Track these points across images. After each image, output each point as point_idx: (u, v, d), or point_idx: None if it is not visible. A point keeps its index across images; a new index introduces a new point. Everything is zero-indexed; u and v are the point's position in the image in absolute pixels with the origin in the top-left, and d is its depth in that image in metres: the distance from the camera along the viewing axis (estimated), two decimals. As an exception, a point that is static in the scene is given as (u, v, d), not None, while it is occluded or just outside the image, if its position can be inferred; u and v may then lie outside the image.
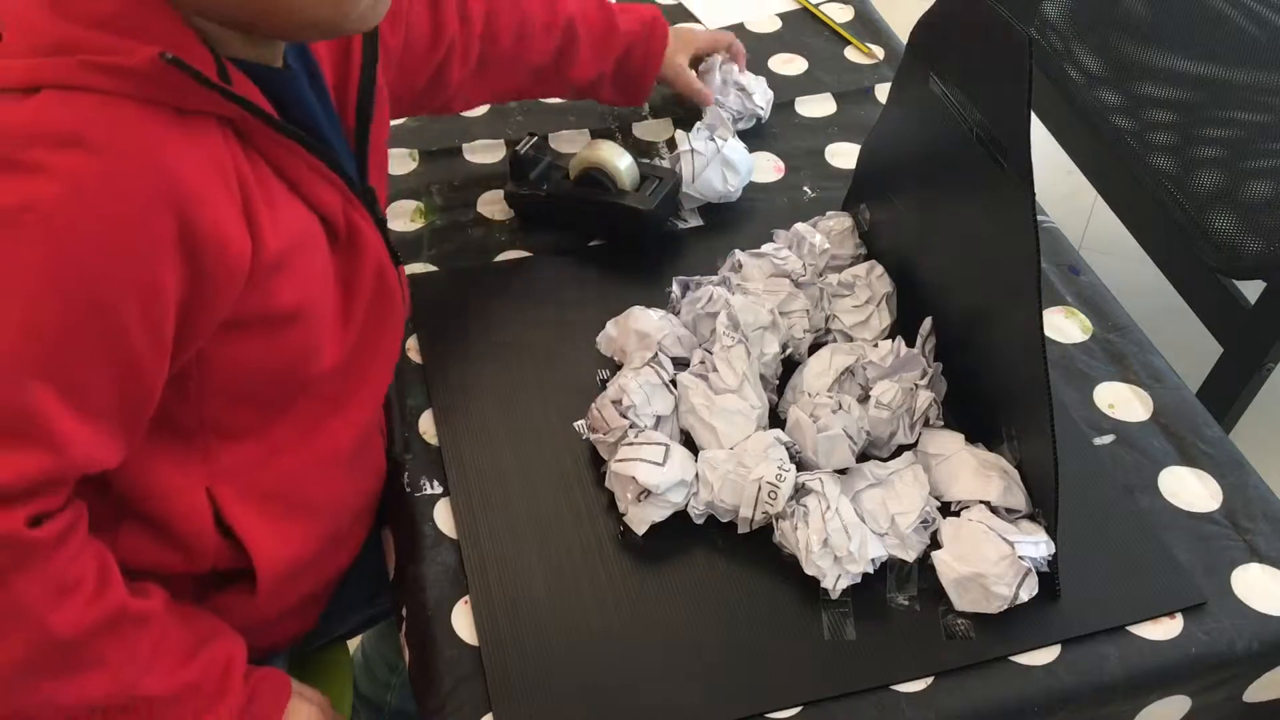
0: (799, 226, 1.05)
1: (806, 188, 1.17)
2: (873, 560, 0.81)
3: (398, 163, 1.18)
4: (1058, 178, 2.06)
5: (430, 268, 1.07)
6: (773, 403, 0.93)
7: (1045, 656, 0.79)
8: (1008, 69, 0.78)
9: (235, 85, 0.69)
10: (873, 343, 0.96)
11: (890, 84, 1.02)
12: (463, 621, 0.82)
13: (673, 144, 1.18)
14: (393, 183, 1.16)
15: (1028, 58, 0.76)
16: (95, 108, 0.63)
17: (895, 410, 0.89)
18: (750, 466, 0.84)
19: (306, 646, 0.95)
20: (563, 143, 1.21)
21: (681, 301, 0.99)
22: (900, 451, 0.90)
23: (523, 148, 1.10)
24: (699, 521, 0.86)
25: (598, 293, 1.03)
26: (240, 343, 0.73)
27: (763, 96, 1.23)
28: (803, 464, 0.87)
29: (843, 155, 1.20)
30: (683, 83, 1.19)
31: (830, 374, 0.92)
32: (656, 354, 0.92)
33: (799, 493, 0.84)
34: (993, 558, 0.80)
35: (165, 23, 0.66)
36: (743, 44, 1.27)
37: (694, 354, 0.94)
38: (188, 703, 0.75)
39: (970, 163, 0.84)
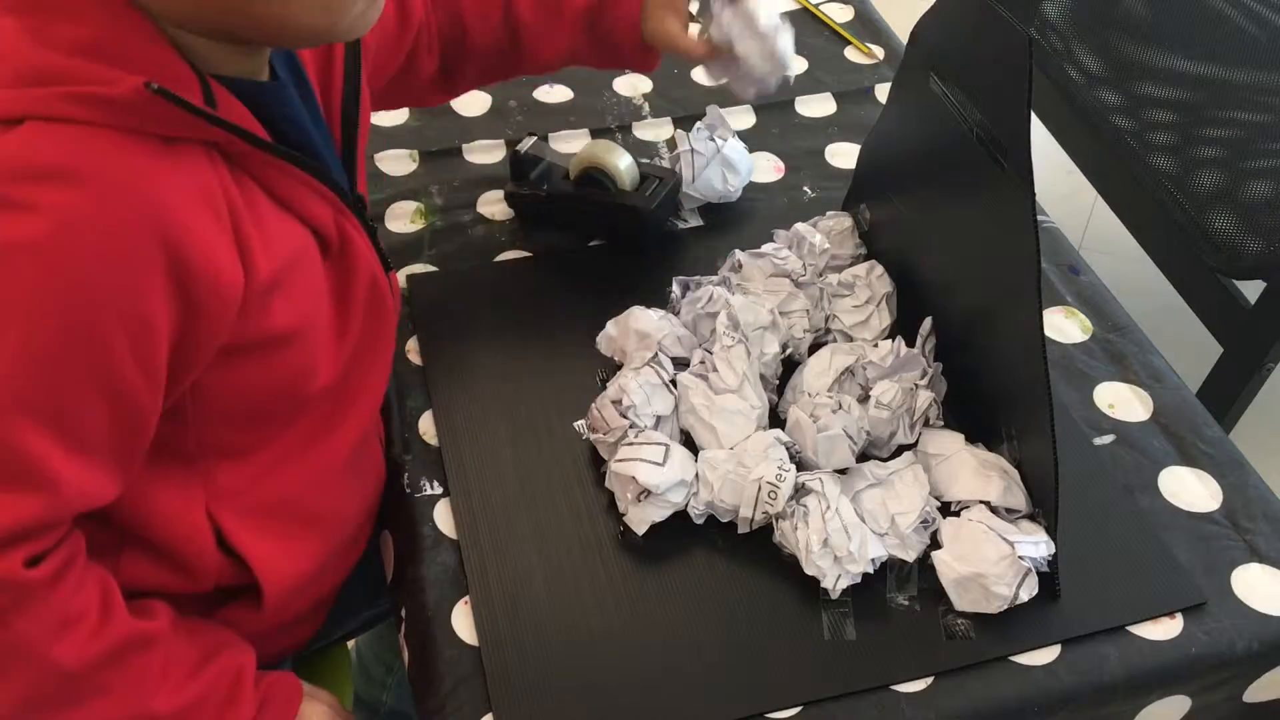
0: (799, 226, 1.05)
1: (806, 188, 1.17)
2: (873, 560, 0.81)
3: (398, 163, 1.18)
4: (1058, 178, 2.06)
5: (430, 268, 1.07)
6: (773, 403, 0.93)
7: (1045, 656, 0.79)
8: (1008, 69, 0.78)
9: (221, 106, 0.67)
10: (873, 343, 0.96)
11: (890, 84, 1.02)
12: (463, 622, 0.82)
13: (673, 144, 1.18)
14: (393, 183, 1.16)
15: (1028, 58, 0.76)
16: (79, 140, 0.62)
17: (895, 410, 0.89)
18: (750, 466, 0.84)
19: (307, 649, 0.95)
20: (563, 143, 1.21)
21: (681, 301, 0.99)
22: (900, 451, 0.90)
23: (523, 148, 1.11)
24: (699, 521, 0.86)
25: (598, 293, 1.03)
26: (237, 369, 0.72)
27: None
28: (803, 464, 0.87)
29: (843, 155, 1.20)
30: (680, 49, 1.00)
31: (830, 374, 0.92)
32: (656, 354, 0.92)
33: (799, 493, 0.84)
34: (993, 558, 0.80)
35: (146, 44, 0.64)
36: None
37: (694, 354, 0.94)
38: (198, 717, 0.74)
39: (970, 163, 0.84)
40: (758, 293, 0.98)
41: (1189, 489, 0.90)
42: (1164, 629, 0.81)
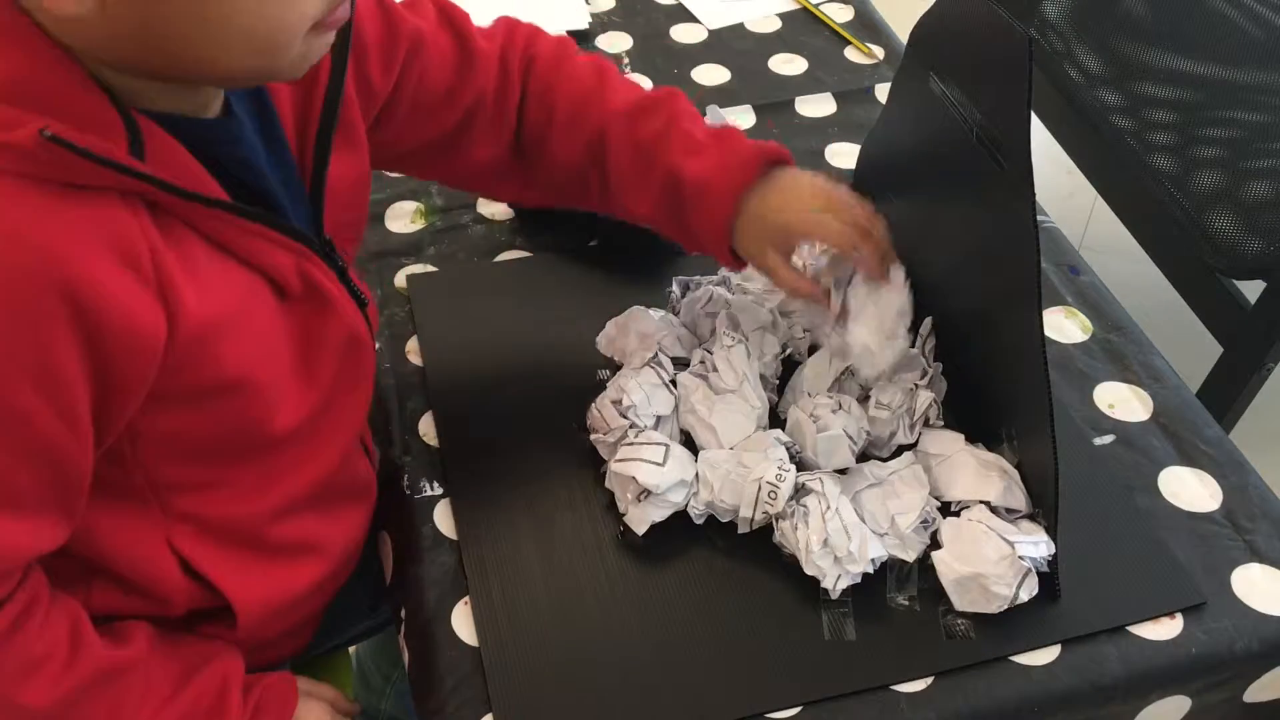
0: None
1: (806, 188, 1.17)
2: (872, 560, 0.81)
3: (398, 163, 1.18)
4: (1058, 178, 2.06)
5: (430, 268, 1.07)
6: (773, 402, 0.93)
7: (1045, 656, 0.79)
8: (1008, 69, 0.78)
9: (153, 149, 0.62)
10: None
11: (890, 84, 1.02)
12: (462, 622, 0.82)
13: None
14: (393, 183, 1.16)
15: (1028, 58, 0.76)
16: None
17: (895, 411, 0.89)
18: (750, 467, 0.84)
19: (307, 655, 0.94)
20: (563, 143, 1.21)
21: (681, 301, 0.98)
22: (900, 452, 0.90)
23: (523, 148, 1.10)
24: (699, 522, 0.86)
25: (598, 293, 1.03)
26: (177, 415, 0.69)
27: None
28: (803, 464, 0.87)
29: (843, 155, 1.20)
30: (780, 283, 0.90)
31: (830, 374, 0.92)
32: (656, 354, 0.92)
33: (799, 493, 0.84)
34: (993, 558, 0.80)
35: (66, 85, 0.60)
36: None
37: (694, 354, 0.94)
38: None
39: (970, 162, 0.84)
40: (758, 293, 0.98)
41: (1189, 489, 0.90)
42: (1164, 629, 0.81)
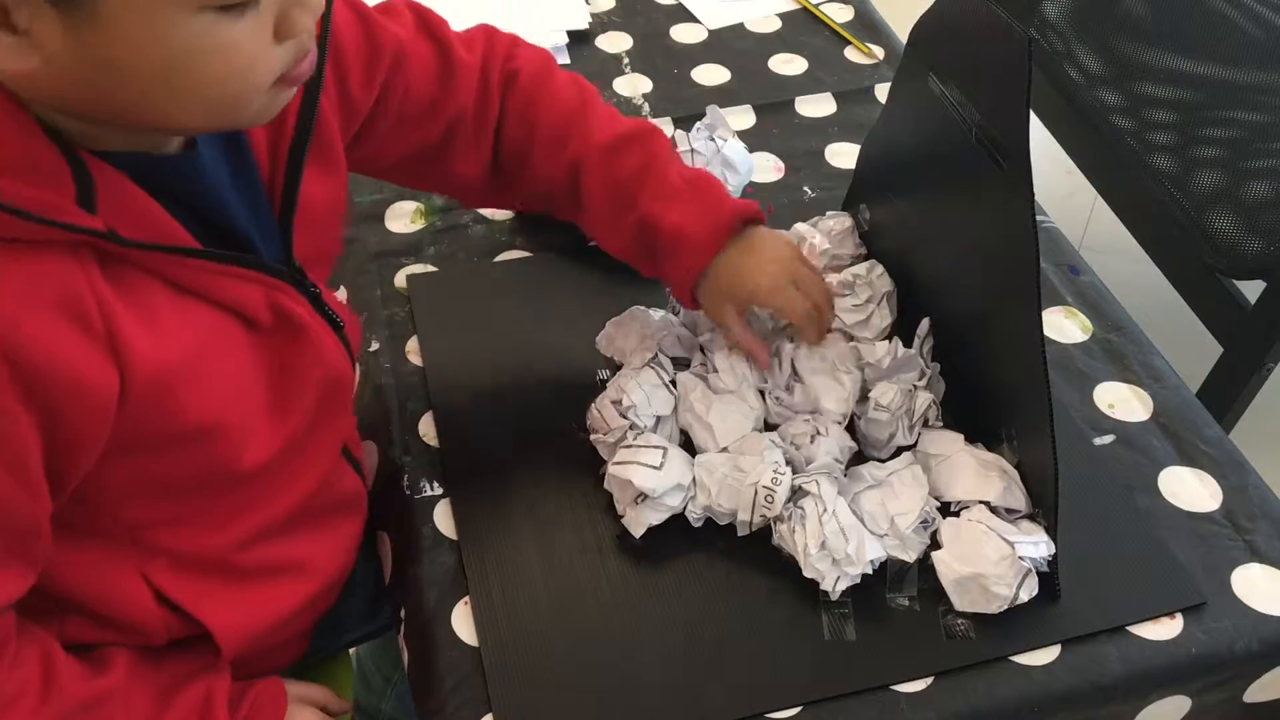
0: (799, 226, 1.05)
1: (806, 188, 1.17)
2: (871, 562, 0.81)
3: (398, 163, 1.18)
4: (1058, 178, 2.06)
5: (430, 268, 1.07)
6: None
7: (1045, 656, 0.79)
8: (1007, 69, 0.78)
9: (105, 193, 0.60)
10: (873, 341, 0.96)
11: (890, 84, 1.02)
12: (462, 622, 0.82)
13: (673, 144, 1.18)
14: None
15: (1027, 58, 0.76)
16: None
17: (894, 412, 0.88)
18: (746, 471, 0.84)
19: (306, 660, 0.94)
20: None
21: (678, 303, 0.98)
22: (899, 452, 0.90)
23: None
24: (697, 525, 0.86)
25: (598, 293, 1.03)
26: (138, 462, 0.67)
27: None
28: (800, 465, 0.87)
29: (843, 155, 1.20)
30: (733, 338, 0.91)
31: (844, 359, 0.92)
32: (656, 354, 0.92)
33: (795, 495, 0.84)
34: (993, 558, 0.80)
35: (7, 133, 0.58)
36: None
37: (694, 354, 0.94)
38: None
39: (970, 162, 0.84)
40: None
41: (1189, 489, 0.90)
42: (1164, 629, 0.81)
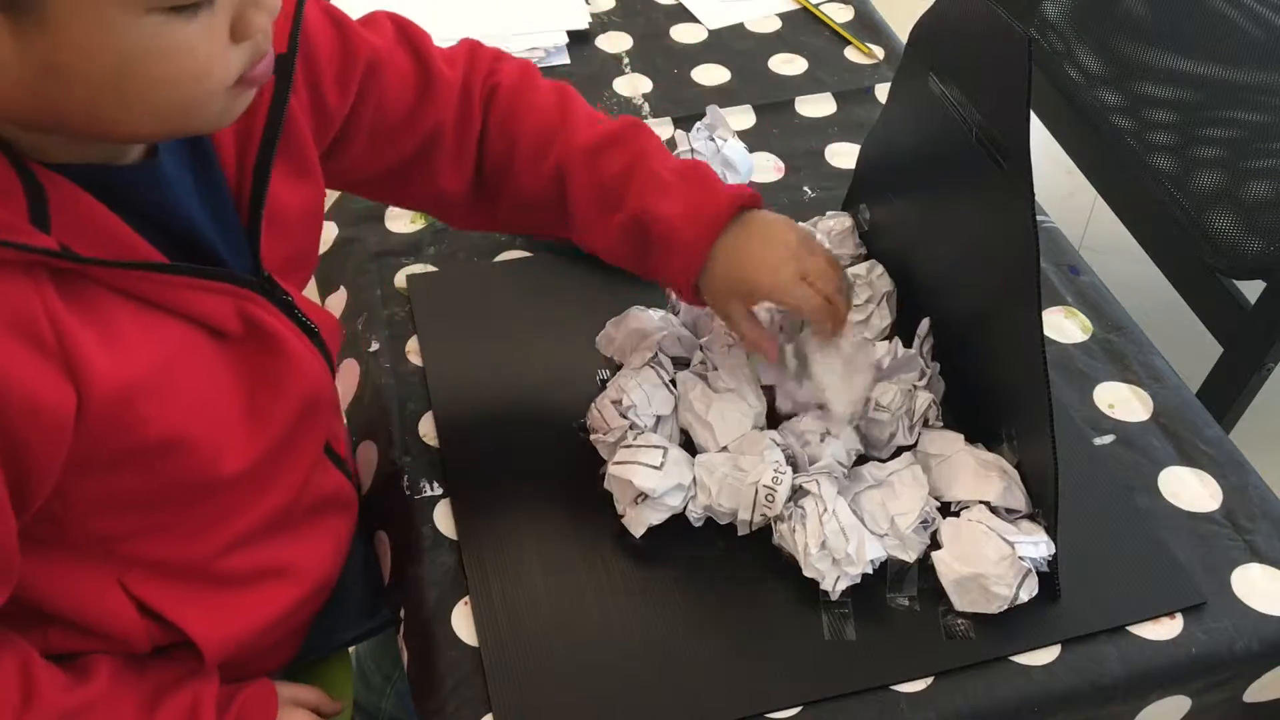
0: (799, 226, 1.05)
1: (806, 188, 1.17)
2: (871, 561, 0.81)
3: (398, 163, 1.18)
4: (1058, 178, 2.06)
5: (430, 268, 1.07)
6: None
7: (1045, 656, 0.79)
8: (1007, 69, 0.78)
9: (59, 209, 0.59)
10: (874, 340, 0.96)
11: (890, 84, 1.02)
12: (462, 622, 0.82)
13: (673, 144, 1.18)
14: (393, 183, 1.15)
15: (1027, 58, 0.76)
16: None
17: (895, 412, 0.88)
18: (747, 470, 0.84)
19: (303, 660, 0.93)
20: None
21: (681, 301, 0.98)
22: (900, 453, 0.90)
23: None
24: (697, 525, 0.86)
25: (598, 293, 1.03)
26: (104, 478, 0.66)
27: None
28: (800, 464, 0.87)
29: (843, 155, 1.20)
30: (741, 333, 0.87)
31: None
32: (656, 354, 0.92)
33: (796, 494, 0.84)
34: (993, 558, 0.80)
35: None
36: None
37: (694, 354, 0.94)
38: None
39: (970, 162, 0.84)
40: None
41: (1189, 489, 0.90)
42: (1164, 629, 0.81)
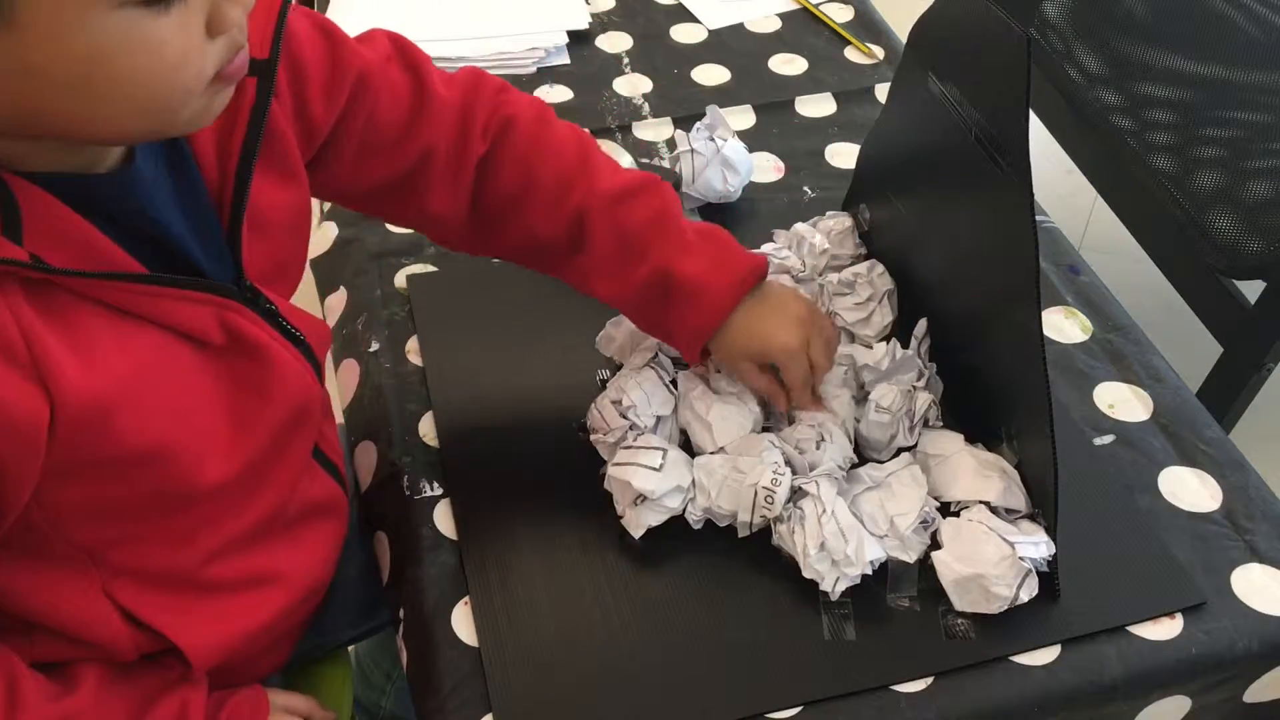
0: (799, 226, 1.05)
1: (806, 188, 1.17)
2: (871, 562, 0.81)
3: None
4: (1058, 178, 2.06)
5: (430, 268, 1.07)
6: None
7: (1045, 656, 0.79)
8: (1006, 69, 0.78)
9: (31, 219, 0.58)
10: (875, 339, 0.96)
11: (890, 84, 1.02)
12: (462, 623, 0.82)
13: (673, 144, 1.18)
14: (393, 183, 1.15)
15: (1026, 57, 0.76)
16: None
17: (895, 414, 0.88)
18: (746, 472, 0.84)
19: (302, 661, 0.93)
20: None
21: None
22: (900, 453, 0.90)
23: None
24: (697, 527, 0.86)
25: (597, 293, 1.03)
26: (82, 488, 0.65)
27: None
28: (799, 470, 0.87)
29: (843, 155, 1.20)
30: (748, 384, 0.89)
31: (830, 378, 0.92)
32: (656, 354, 0.92)
33: (795, 495, 0.84)
34: (993, 558, 0.80)
35: None
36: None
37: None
38: None
39: (969, 162, 0.84)
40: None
41: (1189, 489, 0.90)
42: (1164, 629, 0.81)
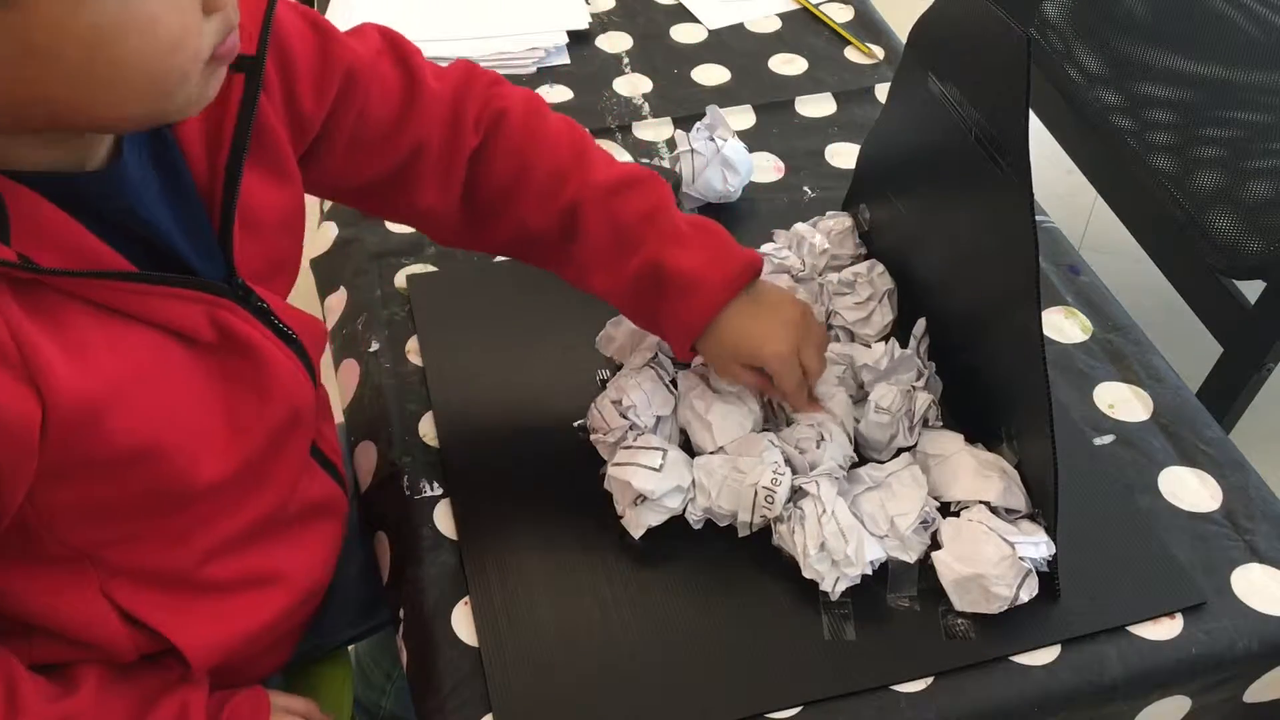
0: (799, 226, 1.05)
1: (806, 188, 1.17)
2: (871, 562, 0.81)
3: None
4: (1058, 178, 2.06)
5: (430, 268, 1.07)
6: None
7: (1045, 656, 0.79)
8: (1006, 69, 0.78)
9: (19, 219, 0.58)
10: (875, 338, 0.96)
11: (890, 84, 1.02)
12: (462, 623, 0.82)
13: (673, 144, 1.18)
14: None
15: (1026, 57, 0.76)
16: None
17: (895, 414, 0.88)
18: (746, 472, 0.84)
19: (302, 661, 0.93)
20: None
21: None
22: (900, 453, 0.90)
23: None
24: (697, 528, 0.86)
25: (598, 293, 1.03)
26: (76, 488, 0.65)
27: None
28: (800, 470, 0.87)
29: (843, 155, 1.20)
30: (737, 381, 0.89)
31: (828, 377, 0.92)
32: (656, 354, 0.92)
33: (795, 495, 0.84)
34: (993, 558, 0.80)
35: None
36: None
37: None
38: None
39: (969, 162, 0.84)
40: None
41: (1189, 489, 0.90)
42: (1164, 629, 0.81)
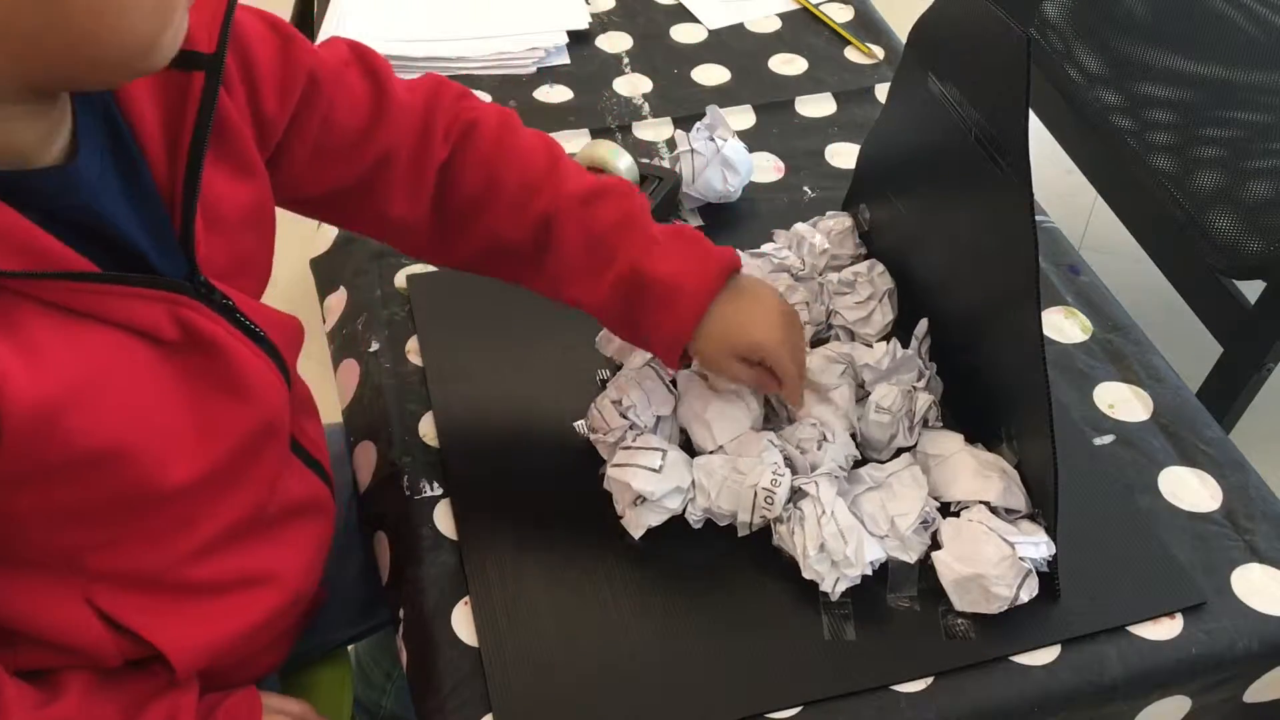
0: (799, 226, 1.05)
1: (806, 188, 1.17)
2: (871, 563, 0.81)
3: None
4: (1058, 178, 2.06)
5: (430, 268, 1.07)
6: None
7: (1045, 656, 0.79)
8: (1006, 69, 0.78)
9: None
10: (876, 338, 0.96)
11: (890, 84, 1.02)
12: (462, 623, 0.82)
13: (673, 144, 1.18)
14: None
15: (1026, 57, 0.76)
16: None
17: (895, 414, 0.88)
18: (745, 472, 0.84)
19: (301, 661, 0.93)
20: (563, 143, 1.20)
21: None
22: (900, 454, 0.90)
23: (522, 148, 1.10)
24: (697, 527, 0.86)
25: (597, 293, 1.03)
26: (39, 493, 0.64)
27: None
28: (800, 470, 0.87)
29: (843, 155, 1.20)
30: (738, 380, 0.88)
31: (830, 372, 0.92)
32: (656, 354, 0.92)
33: (795, 496, 0.84)
34: (993, 558, 0.80)
35: None
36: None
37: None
38: None
39: (969, 162, 0.84)
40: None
41: (1189, 489, 0.90)
42: (1164, 629, 0.81)
